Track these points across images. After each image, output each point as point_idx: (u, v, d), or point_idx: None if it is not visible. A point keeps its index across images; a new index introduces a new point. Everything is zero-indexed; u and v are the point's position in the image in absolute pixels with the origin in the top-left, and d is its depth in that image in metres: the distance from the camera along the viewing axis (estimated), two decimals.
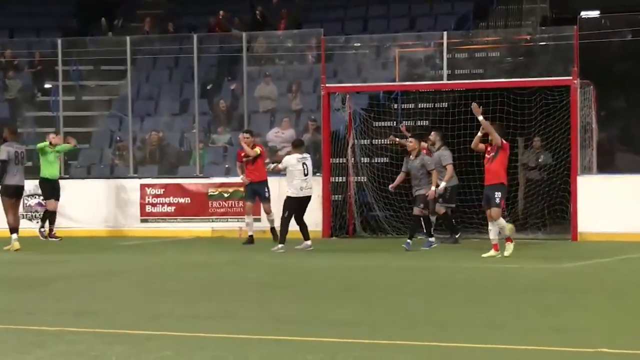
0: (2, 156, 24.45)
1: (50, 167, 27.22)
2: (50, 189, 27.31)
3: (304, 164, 23.81)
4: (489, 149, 22.05)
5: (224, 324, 13.43)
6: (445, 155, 25.07)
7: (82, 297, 16.59)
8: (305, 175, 23.76)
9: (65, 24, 36.76)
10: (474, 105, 22.23)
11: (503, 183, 22.17)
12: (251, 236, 25.76)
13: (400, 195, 26.63)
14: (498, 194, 21.95)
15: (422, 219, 23.91)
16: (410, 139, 24.10)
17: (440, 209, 25.12)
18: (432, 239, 23.98)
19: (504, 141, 21.95)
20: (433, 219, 25.38)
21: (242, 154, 25.78)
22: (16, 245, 24.44)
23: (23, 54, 33.61)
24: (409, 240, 23.60)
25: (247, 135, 25.74)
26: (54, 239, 27.09)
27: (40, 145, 27.14)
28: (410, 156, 23.80)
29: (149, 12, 37.32)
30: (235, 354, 11.28)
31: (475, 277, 18.94)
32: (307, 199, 24.00)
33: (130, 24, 36.93)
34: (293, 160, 23.88)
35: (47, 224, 27.43)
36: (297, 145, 24.43)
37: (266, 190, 25.73)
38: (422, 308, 14.91)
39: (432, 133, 25.74)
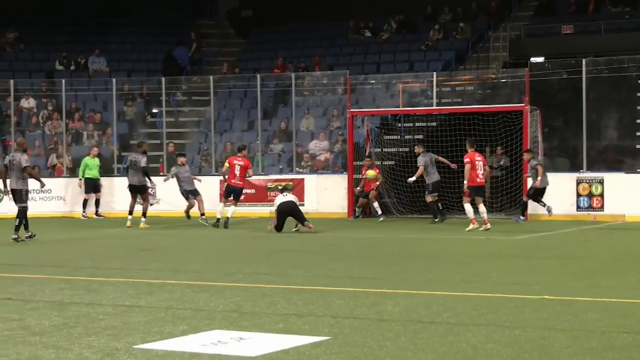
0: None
1: (91, 171, 28.18)
2: (92, 186, 28.23)
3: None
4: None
5: (277, 278, 13.42)
6: (420, 159, 24.89)
7: (177, 259, 16.64)
8: None
9: (166, 68, 36.82)
10: None
11: None
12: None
13: (403, 187, 26.53)
14: None
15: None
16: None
17: (428, 197, 25.01)
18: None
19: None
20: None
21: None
22: (139, 224, 24.15)
23: (137, 88, 33.69)
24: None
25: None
26: (100, 217, 28.22)
27: (84, 159, 28.43)
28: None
29: (226, 59, 37.55)
30: (286, 299, 11.28)
31: (455, 246, 18.88)
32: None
33: (213, 67, 37.11)
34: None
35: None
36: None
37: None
38: (419, 268, 14.87)
39: (417, 145, 25.75)
